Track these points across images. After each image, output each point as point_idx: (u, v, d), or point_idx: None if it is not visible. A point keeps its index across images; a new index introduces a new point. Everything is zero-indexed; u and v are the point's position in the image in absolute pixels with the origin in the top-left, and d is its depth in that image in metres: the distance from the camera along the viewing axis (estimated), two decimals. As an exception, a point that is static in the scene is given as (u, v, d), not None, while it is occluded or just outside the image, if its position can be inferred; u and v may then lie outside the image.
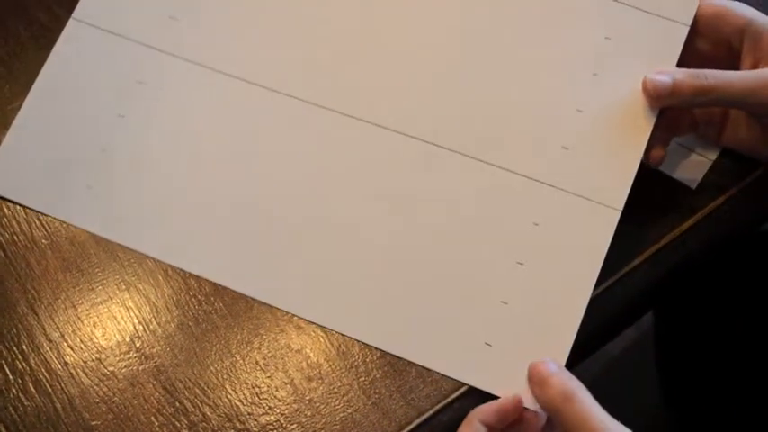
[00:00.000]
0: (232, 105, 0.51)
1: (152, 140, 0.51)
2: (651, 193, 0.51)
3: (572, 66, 0.50)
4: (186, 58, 0.52)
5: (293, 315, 0.48)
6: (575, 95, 0.50)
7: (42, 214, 0.51)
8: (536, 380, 0.45)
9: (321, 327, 0.48)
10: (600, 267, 0.47)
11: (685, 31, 0.50)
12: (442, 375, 0.47)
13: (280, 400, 0.47)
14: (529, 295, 0.47)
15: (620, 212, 0.48)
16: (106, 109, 0.52)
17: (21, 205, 0.51)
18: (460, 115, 0.50)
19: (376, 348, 0.48)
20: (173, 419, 0.46)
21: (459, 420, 0.47)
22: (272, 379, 0.47)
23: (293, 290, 0.48)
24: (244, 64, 0.52)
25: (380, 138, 0.50)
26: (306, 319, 0.48)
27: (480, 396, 0.47)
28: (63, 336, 0.48)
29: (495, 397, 0.46)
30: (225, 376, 0.47)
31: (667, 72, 0.48)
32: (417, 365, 0.47)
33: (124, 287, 0.50)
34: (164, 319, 0.49)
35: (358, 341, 0.48)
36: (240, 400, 0.47)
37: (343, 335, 0.48)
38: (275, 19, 0.53)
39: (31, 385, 0.47)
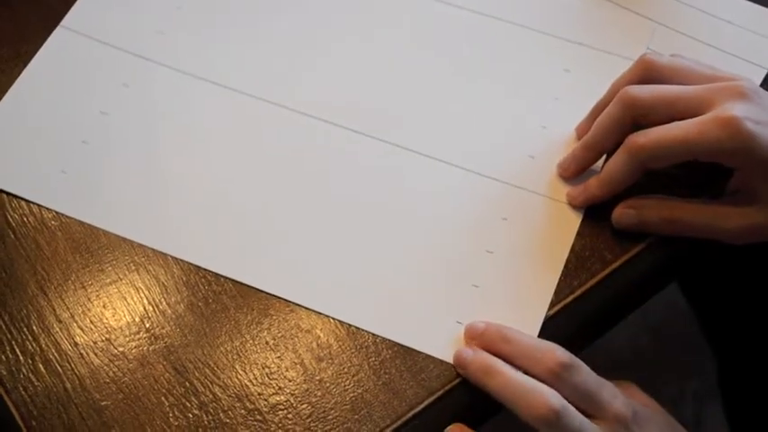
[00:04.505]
0: (211, 106, 0.54)
1: (134, 134, 0.53)
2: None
3: None
4: (171, 66, 0.55)
5: (303, 295, 0.49)
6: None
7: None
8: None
9: (331, 307, 0.48)
10: (566, 256, 0.50)
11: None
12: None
13: (290, 381, 0.47)
14: (498, 280, 0.50)
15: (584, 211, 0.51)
16: (89, 106, 0.54)
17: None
18: (444, 128, 0.54)
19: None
20: (183, 399, 0.46)
21: (468, 401, 0.47)
22: (281, 359, 0.47)
23: (278, 273, 0.49)
24: (223, 71, 0.55)
25: (373, 147, 0.53)
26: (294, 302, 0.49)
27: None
28: (73, 316, 0.48)
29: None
30: (235, 356, 0.47)
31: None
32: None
33: (134, 267, 0.50)
34: (173, 299, 0.49)
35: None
36: (250, 381, 0.47)
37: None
38: (251, 33, 0.57)
39: (41, 366, 0.47)
